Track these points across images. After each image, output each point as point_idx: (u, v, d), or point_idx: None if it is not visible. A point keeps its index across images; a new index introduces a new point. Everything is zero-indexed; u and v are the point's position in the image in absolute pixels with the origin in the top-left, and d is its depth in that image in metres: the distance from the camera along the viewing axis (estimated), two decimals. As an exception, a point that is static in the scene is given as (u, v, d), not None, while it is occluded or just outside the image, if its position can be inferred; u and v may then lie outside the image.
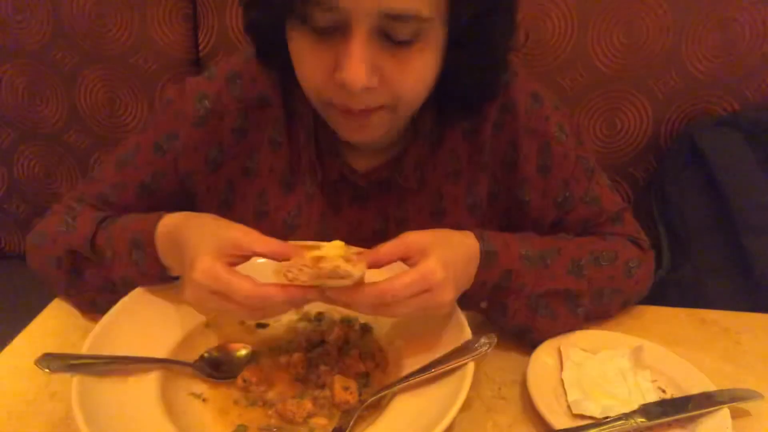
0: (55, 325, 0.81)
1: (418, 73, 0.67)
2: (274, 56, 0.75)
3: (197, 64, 1.37)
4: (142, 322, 0.71)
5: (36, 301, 0.84)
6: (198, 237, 0.64)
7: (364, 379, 0.69)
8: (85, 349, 0.64)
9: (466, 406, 0.68)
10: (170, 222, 0.71)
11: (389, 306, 0.62)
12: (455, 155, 0.82)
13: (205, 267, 0.60)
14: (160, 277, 0.72)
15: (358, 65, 0.62)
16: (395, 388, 0.64)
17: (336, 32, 0.63)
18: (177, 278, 0.73)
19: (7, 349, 0.77)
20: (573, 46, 1.25)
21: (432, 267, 0.62)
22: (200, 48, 1.35)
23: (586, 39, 1.24)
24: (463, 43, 0.69)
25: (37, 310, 0.83)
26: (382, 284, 0.61)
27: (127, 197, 0.83)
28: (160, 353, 0.69)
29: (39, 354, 0.64)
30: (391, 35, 0.63)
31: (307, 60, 0.67)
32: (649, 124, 1.28)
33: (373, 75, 0.64)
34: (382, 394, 0.64)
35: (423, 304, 0.62)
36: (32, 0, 1.33)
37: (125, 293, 0.73)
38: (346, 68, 0.63)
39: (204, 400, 0.67)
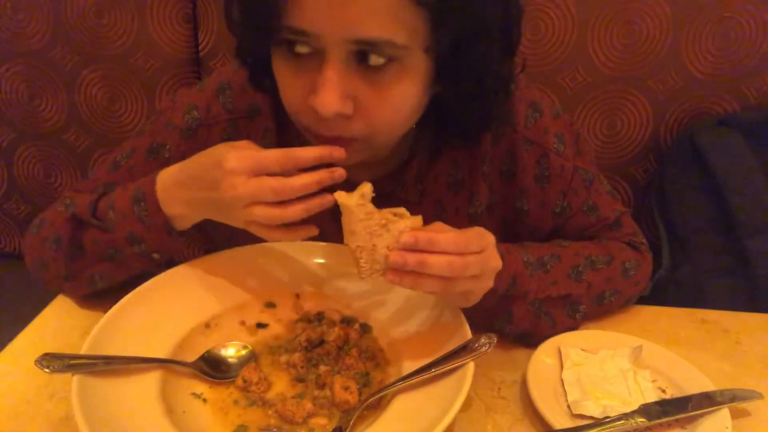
0: (55, 325, 0.81)
1: (394, 101, 0.66)
2: (264, 80, 0.75)
3: (197, 64, 1.37)
4: (141, 322, 0.71)
5: (36, 301, 0.84)
6: (211, 150, 0.68)
7: (363, 378, 0.69)
8: (84, 349, 0.64)
9: (466, 406, 0.68)
10: (170, 168, 0.73)
11: (462, 262, 0.60)
12: (456, 165, 0.82)
13: (239, 154, 0.64)
14: (166, 228, 0.72)
15: (330, 91, 0.62)
16: (395, 388, 0.64)
17: (314, 58, 0.63)
18: (183, 234, 0.74)
19: (7, 349, 0.77)
20: (573, 46, 1.25)
21: (481, 229, 0.63)
22: (200, 48, 1.35)
23: (586, 39, 1.24)
24: (448, 74, 0.67)
25: (37, 310, 0.83)
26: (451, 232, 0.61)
27: None
28: (160, 353, 0.69)
29: (39, 354, 0.64)
30: (366, 62, 0.62)
31: (287, 84, 0.67)
32: (649, 124, 1.28)
33: (346, 101, 0.63)
34: (382, 393, 0.64)
35: (480, 265, 0.62)
36: (32, 0, 1.33)
37: (128, 258, 0.74)
38: (319, 93, 0.62)
39: (204, 400, 0.67)
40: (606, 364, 0.74)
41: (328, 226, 0.84)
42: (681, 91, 1.25)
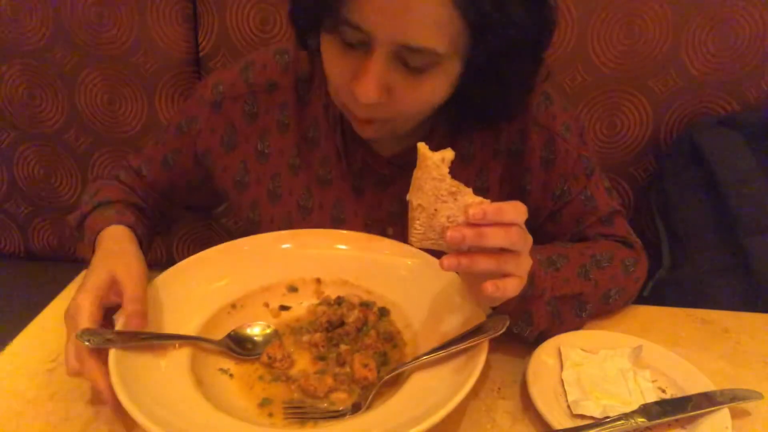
0: (55, 325, 0.81)
1: (425, 97, 0.72)
2: (311, 43, 0.80)
3: (197, 64, 1.37)
4: (172, 302, 0.74)
5: (36, 301, 0.84)
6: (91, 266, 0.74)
7: (381, 357, 0.71)
8: (119, 326, 0.67)
9: (467, 407, 0.68)
10: (101, 238, 0.80)
11: (518, 230, 0.59)
12: (471, 140, 0.86)
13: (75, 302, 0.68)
14: None
15: (371, 82, 0.68)
16: (412, 366, 0.66)
17: (361, 47, 0.68)
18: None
19: (7, 349, 0.77)
20: (573, 46, 1.25)
21: (518, 202, 0.60)
22: (200, 48, 1.35)
23: (586, 39, 1.24)
24: (477, 77, 0.72)
25: (37, 310, 0.83)
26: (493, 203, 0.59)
27: (153, 170, 0.95)
28: (189, 331, 0.72)
29: (39, 354, 0.65)
30: (407, 62, 0.68)
31: (333, 63, 0.73)
32: (649, 124, 1.28)
33: (383, 92, 0.69)
34: (400, 370, 0.66)
35: (513, 236, 0.59)
36: (32, 0, 1.34)
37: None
38: (360, 83, 0.68)
39: (231, 375, 0.70)
40: (606, 364, 0.74)
41: (347, 212, 0.89)
42: (681, 91, 1.25)
